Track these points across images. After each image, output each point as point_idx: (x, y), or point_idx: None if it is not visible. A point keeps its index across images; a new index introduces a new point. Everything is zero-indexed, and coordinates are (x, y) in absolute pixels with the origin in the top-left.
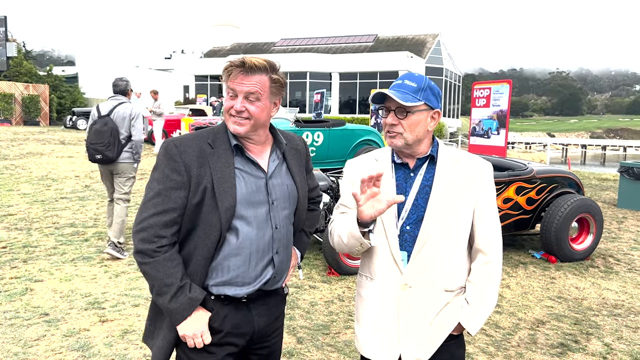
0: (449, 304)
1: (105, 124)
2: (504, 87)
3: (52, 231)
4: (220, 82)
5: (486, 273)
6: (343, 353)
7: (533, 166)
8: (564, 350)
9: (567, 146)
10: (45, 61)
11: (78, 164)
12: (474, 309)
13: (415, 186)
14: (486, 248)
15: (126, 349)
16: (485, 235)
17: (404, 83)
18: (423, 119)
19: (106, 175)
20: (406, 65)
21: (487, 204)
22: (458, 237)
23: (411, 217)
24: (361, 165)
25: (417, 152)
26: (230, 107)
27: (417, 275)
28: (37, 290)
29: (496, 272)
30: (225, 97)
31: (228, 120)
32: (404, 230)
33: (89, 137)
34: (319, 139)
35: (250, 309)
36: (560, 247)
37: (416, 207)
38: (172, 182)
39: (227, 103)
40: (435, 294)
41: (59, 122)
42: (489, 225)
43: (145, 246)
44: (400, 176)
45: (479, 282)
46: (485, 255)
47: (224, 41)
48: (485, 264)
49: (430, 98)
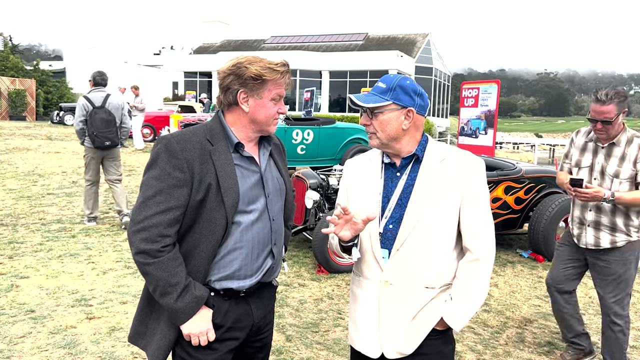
0: (433, 300)
1: (109, 114)
2: (492, 87)
3: (39, 227)
4: (209, 79)
5: (471, 270)
6: (332, 351)
7: (522, 166)
8: (551, 348)
9: (555, 147)
10: (32, 56)
11: (65, 160)
12: (457, 305)
13: (400, 186)
14: (473, 246)
15: (113, 347)
16: (472, 233)
17: (377, 85)
18: (394, 118)
19: (97, 161)
20: (396, 65)
21: (475, 200)
22: (441, 235)
23: (394, 216)
24: (356, 166)
25: (400, 151)
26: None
27: (397, 273)
28: (22, 287)
29: (483, 269)
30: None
31: (272, 124)
32: (387, 229)
33: (96, 126)
34: (309, 137)
35: (248, 302)
36: (547, 247)
37: (400, 206)
38: (175, 180)
39: (275, 108)
40: (415, 291)
41: (46, 117)
42: (476, 223)
43: (148, 246)
44: (388, 176)
45: (463, 279)
46: (471, 253)
47: (214, 38)
48: (471, 261)
49: (401, 97)
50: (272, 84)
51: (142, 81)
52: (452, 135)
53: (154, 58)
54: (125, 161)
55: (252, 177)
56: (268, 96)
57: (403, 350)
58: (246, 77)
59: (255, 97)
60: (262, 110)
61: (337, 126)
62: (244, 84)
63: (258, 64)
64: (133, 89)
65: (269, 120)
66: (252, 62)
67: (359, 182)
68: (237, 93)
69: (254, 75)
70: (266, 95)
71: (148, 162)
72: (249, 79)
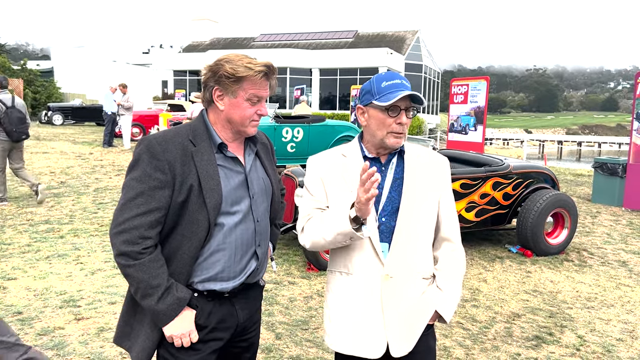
0: (425, 292)
1: (20, 112)
2: (482, 84)
3: (26, 228)
4: (199, 78)
5: (454, 260)
6: (322, 348)
7: (509, 162)
8: (539, 342)
9: (544, 142)
10: (19, 55)
11: (53, 160)
12: (447, 296)
13: (389, 179)
14: (451, 236)
15: (102, 347)
16: (449, 224)
17: (403, 83)
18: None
19: (7, 151)
20: (386, 62)
21: (449, 195)
22: (428, 226)
23: (386, 209)
24: (328, 160)
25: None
26: (254, 113)
27: (398, 265)
28: (10, 289)
29: (462, 259)
30: (243, 102)
31: (249, 125)
32: (380, 222)
33: (14, 123)
34: (298, 134)
35: (233, 302)
36: (535, 242)
37: (390, 199)
38: (156, 181)
39: (252, 109)
40: (415, 282)
41: (34, 117)
42: (451, 215)
43: (129, 248)
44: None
45: (449, 270)
46: (451, 243)
47: (203, 36)
48: (452, 251)
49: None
50: (247, 83)
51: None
52: (442, 132)
53: (143, 57)
54: (114, 161)
55: (236, 177)
56: (243, 96)
57: (408, 346)
58: (220, 74)
59: (230, 96)
60: (237, 110)
61: (327, 124)
62: (218, 81)
63: (236, 62)
64: (121, 87)
65: (244, 121)
66: (230, 61)
67: (338, 178)
68: (212, 90)
69: (227, 73)
70: (241, 94)
71: (130, 163)
72: (223, 76)
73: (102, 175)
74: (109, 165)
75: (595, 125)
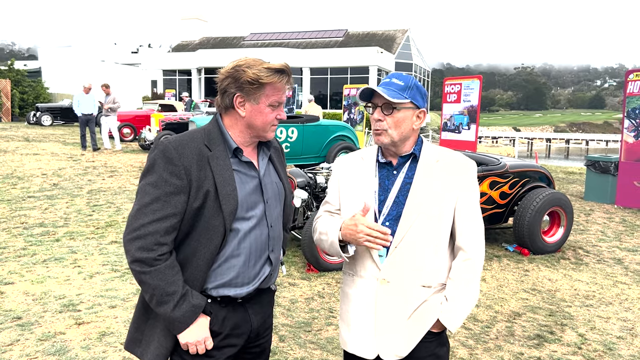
0: (428, 301)
1: None
2: (474, 83)
3: (21, 231)
4: (189, 77)
5: (466, 270)
6: (326, 350)
7: (506, 161)
8: (541, 341)
9: (533, 140)
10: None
11: (44, 162)
12: (453, 306)
13: (397, 184)
14: (466, 245)
15: (105, 352)
16: (465, 233)
17: (392, 81)
18: (409, 117)
19: None
20: (376, 61)
21: (468, 202)
22: (437, 235)
23: (391, 214)
24: (347, 164)
25: (401, 150)
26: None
27: (395, 271)
28: (7, 294)
29: (476, 269)
30: (265, 108)
31: (269, 130)
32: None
33: None
34: (293, 134)
35: (246, 308)
36: (532, 240)
37: (397, 204)
38: (172, 187)
39: (272, 114)
40: (412, 290)
41: (22, 118)
42: (470, 224)
43: (144, 255)
44: (384, 174)
45: (459, 279)
46: (465, 253)
47: (192, 35)
48: (464, 260)
49: (417, 97)
50: (270, 89)
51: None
52: (433, 130)
53: (132, 56)
54: (106, 162)
55: (250, 182)
56: (266, 102)
57: (399, 352)
58: (243, 81)
59: (252, 102)
60: (259, 117)
61: (321, 123)
62: (241, 87)
63: (257, 67)
64: (103, 87)
65: (266, 126)
66: (251, 66)
67: (352, 181)
68: (234, 97)
69: (250, 79)
70: (263, 100)
71: (144, 168)
72: (246, 82)
73: (95, 177)
74: (102, 166)
75: (583, 123)
